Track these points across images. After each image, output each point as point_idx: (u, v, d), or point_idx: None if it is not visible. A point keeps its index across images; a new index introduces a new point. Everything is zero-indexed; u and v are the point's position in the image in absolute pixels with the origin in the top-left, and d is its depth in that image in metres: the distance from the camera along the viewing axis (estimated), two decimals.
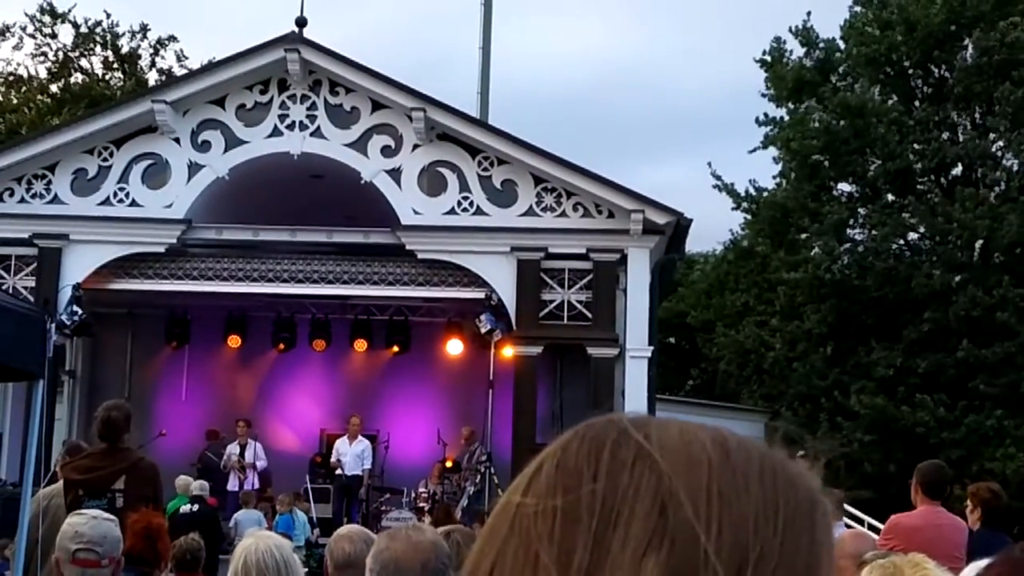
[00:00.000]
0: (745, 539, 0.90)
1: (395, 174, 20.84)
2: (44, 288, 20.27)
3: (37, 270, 20.75)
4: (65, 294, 20.40)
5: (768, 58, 33.22)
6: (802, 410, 29.87)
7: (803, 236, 31.51)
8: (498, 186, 20.77)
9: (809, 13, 32.66)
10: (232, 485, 20.35)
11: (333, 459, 20.88)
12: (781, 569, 0.90)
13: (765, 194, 32.99)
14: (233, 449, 20.83)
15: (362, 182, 20.75)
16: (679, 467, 0.92)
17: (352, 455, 20.61)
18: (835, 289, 30.27)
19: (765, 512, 0.92)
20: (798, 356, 30.84)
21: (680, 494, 0.91)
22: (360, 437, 20.88)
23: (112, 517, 5.44)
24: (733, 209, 34.00)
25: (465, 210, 20.77)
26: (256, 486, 20.35)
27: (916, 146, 30.31)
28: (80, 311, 20.48)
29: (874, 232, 30.55)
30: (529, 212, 20.72)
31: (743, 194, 33.30)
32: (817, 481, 1.00)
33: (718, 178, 33.19)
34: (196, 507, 16.61)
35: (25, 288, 20.30)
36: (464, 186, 20.78)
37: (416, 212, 20.75)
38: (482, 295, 20.61)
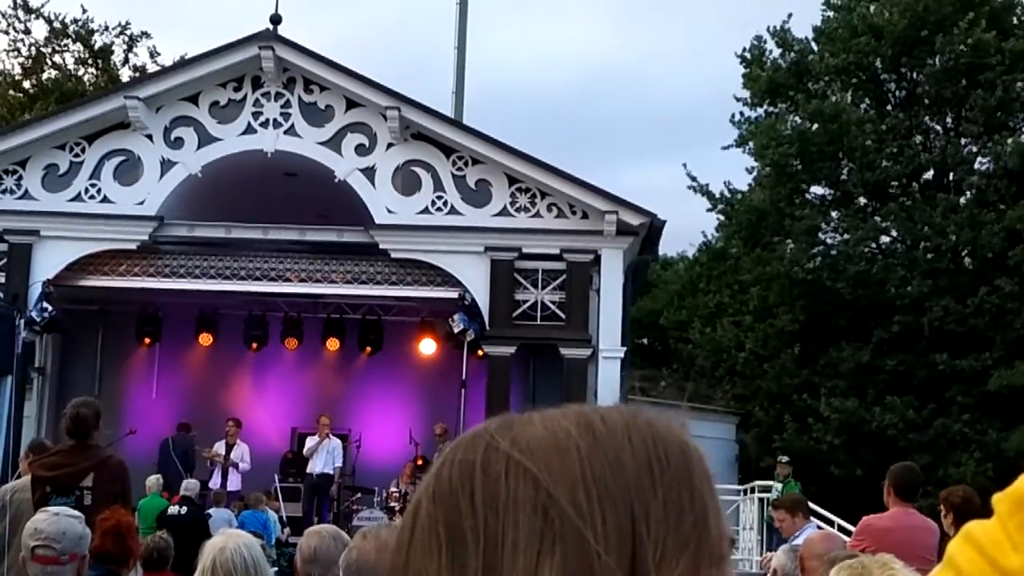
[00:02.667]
0: (629, 516, 0.90)
1: (369, 173, 20.80)
2: (14, 284, 20.14)
3: (7, 266, 20.61)
4: (35, 290, 20.28)
5: (748, 55, 33.29)
6: (772, 410, 29.97)
7: (776, 239, 31.62)
8: (472, 186, 20.75)
9: (790, 15, 32.80)
10: (213, 483, 20.27)
11: (305, 452, 20.85)
12: (672, 532, 0.90)
13: (739, 196, 33.10)
14: (220, 448, 20.77)
15: (336, 180, 20.71)
16: (551, 464, 0.92)
17: (322, 453, 20.57)
18: (807, 289, 30.39)
19: (641, 481, 0.92)
20: (769, 356, 30.94)
21: (557, 491, 0.90)
22: (330, 436, 20.83)
23: (76, 514, 5.39)
24: (708, 211, 34.13)
25: (439, 209, 20.75)
26: (239, 488, 20.27)
27: (889, 151, 30.44)
28: (50, 308, 20.36)
29: (847, 236, 30.69)
30: (503, 212, 20.72)
31: (718, 195, 33.41)
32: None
33: (693, 179, 33.31)
34: (185, 509, 16.54)
35: None
36: (438, 185, 20.76)
37: (390, 211, 20.71)
38: (455, 295, 20.59)
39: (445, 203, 20.74)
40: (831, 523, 19.23)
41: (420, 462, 21.25)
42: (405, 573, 0.94)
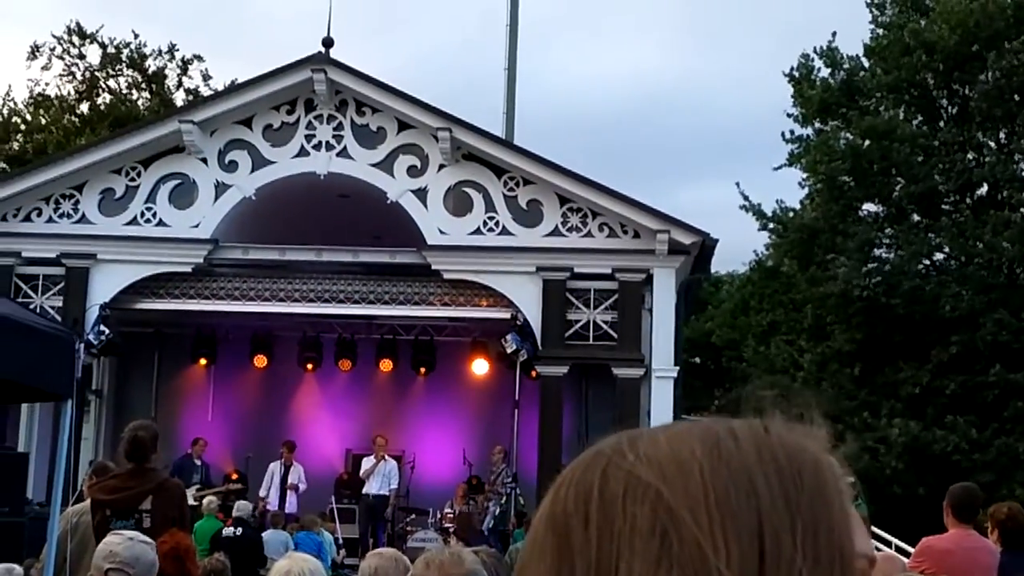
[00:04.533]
0: (757, 542, 0.84)
1: (421, 194, 20.88)
2: (72, 308, 20.36)
3: (64, 289, 20.84)
4: (92, 313, 20.48)
5: (796, 74, 33.17)
6: (831, 431, 29.61)
7: (829, 256, 31.41)
8: (524, 206, 20.78)
9: (834, 34, 32.66)
10: (272, 505, 20.33)
11: (361, 474, 20.84)
12: (806, 560, 0.85)
13: (791, 214, 32.93)
14: (275, 467, 20.83)
15: (388, 202, 20.80)
16: (673, 484, 0.87)
17: (378, 475, 20.58)
18: (862, 307, 30.14)
19: (773, 504, 0.86)
20: (826, 376, 30.69)
21: (680, 514, 0.85)
22: (386, 457, 20.84)
23: (149, 540, 5.44)
24: (759, 230, 33.96)
25: (491, 230, 20.78)
26: (295, 509, 20.30)
27: (941, 166, 30.20)
28: (107, 331, 20.57)
29: (900, 252, 30.44)
30: (555, 232, 20.73)
31: (770, 214, 33.25)
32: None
33: (746, 198, 33.17)
34: (240, 530, 16.61)
35: (52, 308, 20.38)
36: (490, 206, 20.80)
37: (442, 232, 20.77)
38: (508, 315, 20.61)
39: (497, 223, 20.77)
40: (889, 544, 19.03)
41: (474, 482, 21.27)
42: None
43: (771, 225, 33.60)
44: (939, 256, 31.44)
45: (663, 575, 0.83)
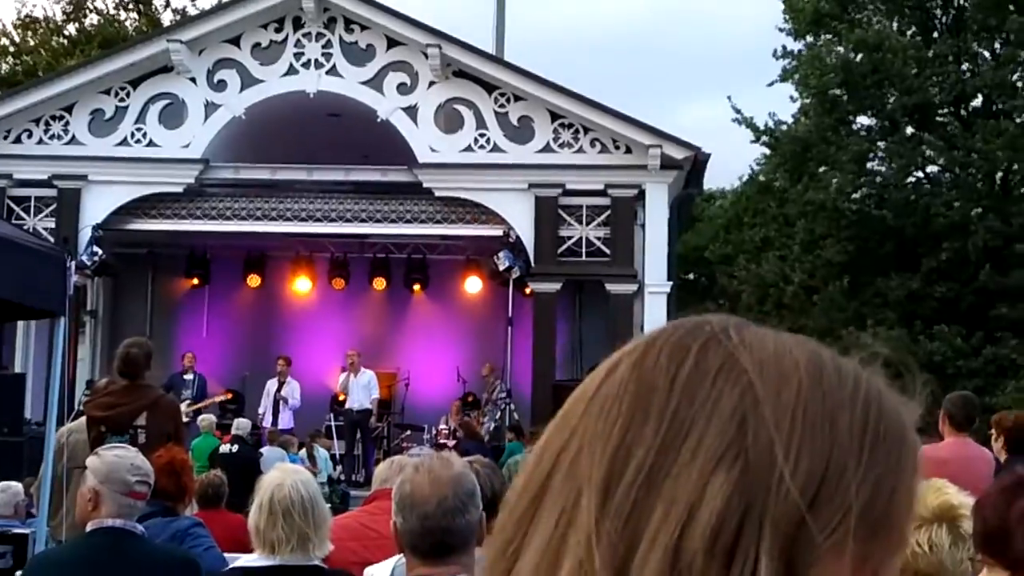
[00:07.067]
0: (822, 472, 0.84)
1: (411, 111, 20.81)
2: (65, 229, 20.35)
3: (57, 211, 20.82)
4: (85, 235, 20.50)
5: None
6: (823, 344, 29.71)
7: (822, 170, 31.35)
8: (515, 122, 20.72)
9: None
10: (266, 421, 20.44)
11: (338, 389, 20.92)
12: (860, 509, 0.84)
13: (784, 128, 32.80)
14: (271, 385, 20.92)
15: (378, 120, 20.73)
16: (767, 383, 0.86)
17: (358, 388, 20.63)
18: (854, 220, 30.16)
19: (849, 444, 0.86)
20: (817, 288, 30.77)
21: (764, 411, 0.85)
22: (363, 369, 20.87)
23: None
24: (752, 142, 33.83)
25: (482, 147, 20.73)
26: (291, 425, 20.40)
27: (935, 78, 30.06)
28: (100, 251, 20.60)
29: (892, 165, 30.40)
30: (546, 148, 20.68)
31: (762, 128, 33.12)
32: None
33: (738, 112, 33.01)
34: (237, 447, 16.74)
35: (45, 229, 20.37)
36: (481, 123, 20.74)
37: (433, 150, 20.72)
38: (500, 232, 20.63)
39: (488, 140, 20.72)
40: None
41: (469, 399, 21.42)
42: (575, 424, 0.89)
43: (764, 139, 33.48)
44: (932, 169, 31.41)
45: (729, 458, 0.83)
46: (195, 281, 23.74)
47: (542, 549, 0.86)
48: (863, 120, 31.97)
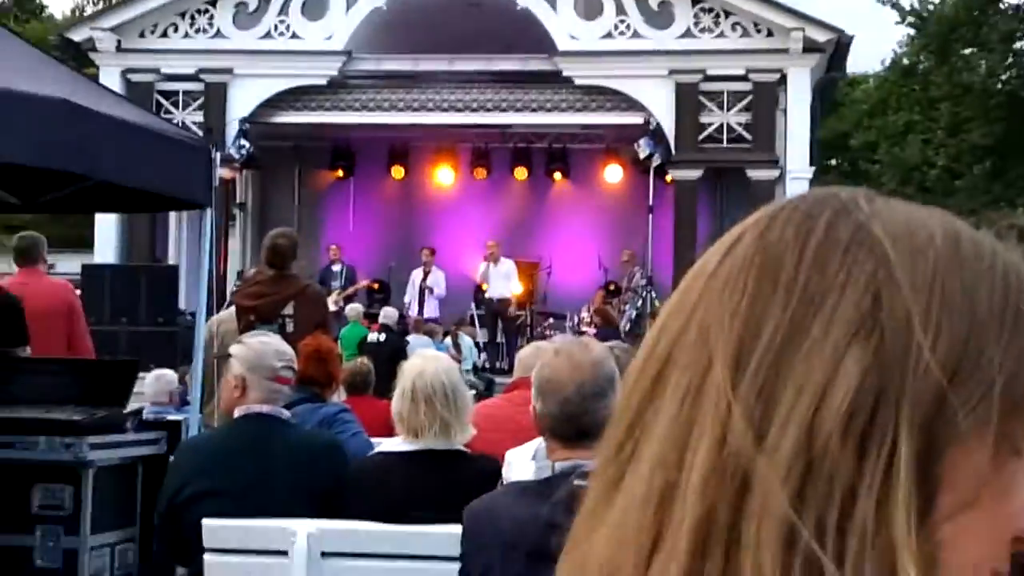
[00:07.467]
0: (962, 345, 0.78)
1: None
2: (212, 122, 20.68)
3: (204, 105, 21.20)
4: (233, 128, 20.85)
5: None
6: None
7: (969, 51, 30.30)
8: (655, 7, 20.41)
9: None
10: (411, 311, 20.72)
11: (477, 279, 21.08)
12: (998, 389, 0.78)
13: (930, 7, 31.72)
14: (417, 275, 21.16)
15: (518, 8, 20.59)
16: (901, 254, 0.80)
17: (498, 277, 20.75)
18: (1003, 101, 29.17)
19: (990, 321, 0.80)
20: (961, 172, 29.97)
21: (900, 283, 0.79)
22: (503, 259, 20.89)
23: None
24: (897, 23, 32.81)
25: (622, 33, 20.50)
26: (436, 315, 20.66)
27: None
28: (247, 144, 20.95)
29: None
30: (687, 34, 20.37)
31: (907, 8, 32.06)
32: None
33: None
34: (384, 336, 17.03)
35: (194, 123, 20.70)
36: (620, 9, 20.48)
37: (572, 37, 20.56)
38: (640, 120, 20.47)
39: (628, 27, 20.47)
40: None
41: (611, 287, 21.44)
42: (695, 302, 0.84)
43: (909, 20, 32.43)
44: None
45: (865, 330, 0.78)
46: (340, 173, 24.02)
47: (666, 437, 0.81)
48: None
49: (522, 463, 4.37)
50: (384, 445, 5.55)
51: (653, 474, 0.81)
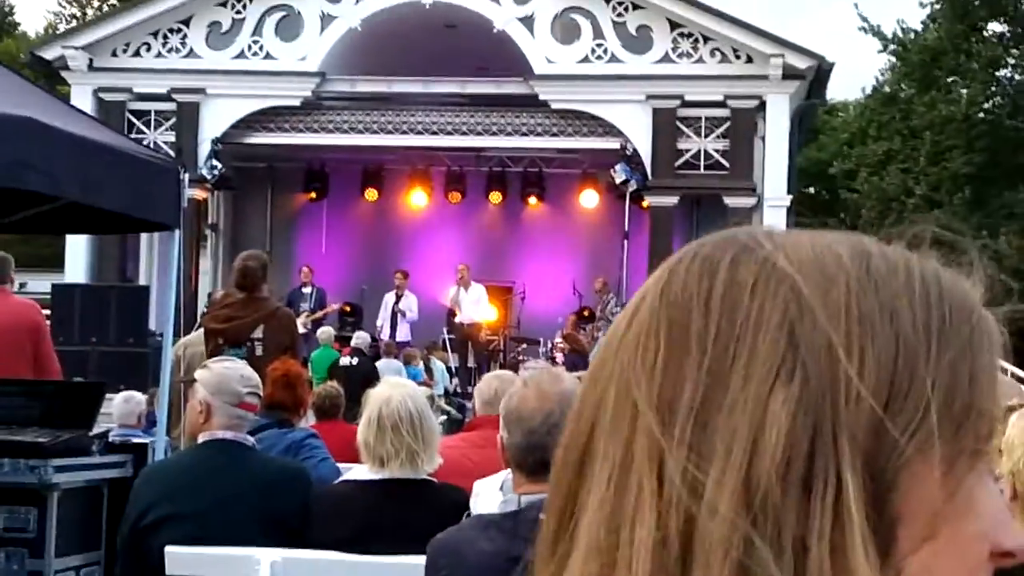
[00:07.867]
0: (891, 367, 0.76)
1: (528, 22, 20.58)
2: (184, 143, 20.58)
3: (177, 125, 21.06)
4: (205, 148, 20.72)
5: None
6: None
7: (951, 79, 30.47)
8: (633, 32, 20.39)
9: None
10: (383, 334, 20.58)
11: (448, 303, 20.93)
12: (936, 407, 0.76)
13: (912, 35, 31.89)
14: (389, 298, 21.03)
15: (495, 31, 20.54)
16: (812, 284, 0.77)
17: (468, 302, 20.63)
18: (985, 130, 29.29)
19: (915, 336, 0.77)
20: (940, 202, 30.05)
21: (814, 314, 0.76)
22: (473, 283, 20.80)
23: None
24: (879, 52, 32.98)
25: (599, 57, 20.47)
26: (408, 338, 20.52)
27: None
28: (220, 165, 20.81)
29: None
30: (665, 58, 20.35)
31: (890, 36, 32.23)
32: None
33: (864, 20, 32.16)
34: (356, 360, 16.89)
35: (165, 143, 20.59)
36: (598, 32, 20.45)
37: (549, 61, 20.51)
38: (617, 145, 20.42)
39: (605, 51, 20.44)
40: (1003, 371, 18.80)
41: (585, 313, 21.35)
42: (609, 370, 0.81)
43: (891, 47, 32.60)
44: None
45: (785, 373, 0.75)
46: (313, 195, 23.90)
47: (599, 522, 0.78)
48: (995, 27, 30.99)
49: (490, 494, 4.26)
50: (350, 473, 5.44)
51: (587, 563, 0.78)
